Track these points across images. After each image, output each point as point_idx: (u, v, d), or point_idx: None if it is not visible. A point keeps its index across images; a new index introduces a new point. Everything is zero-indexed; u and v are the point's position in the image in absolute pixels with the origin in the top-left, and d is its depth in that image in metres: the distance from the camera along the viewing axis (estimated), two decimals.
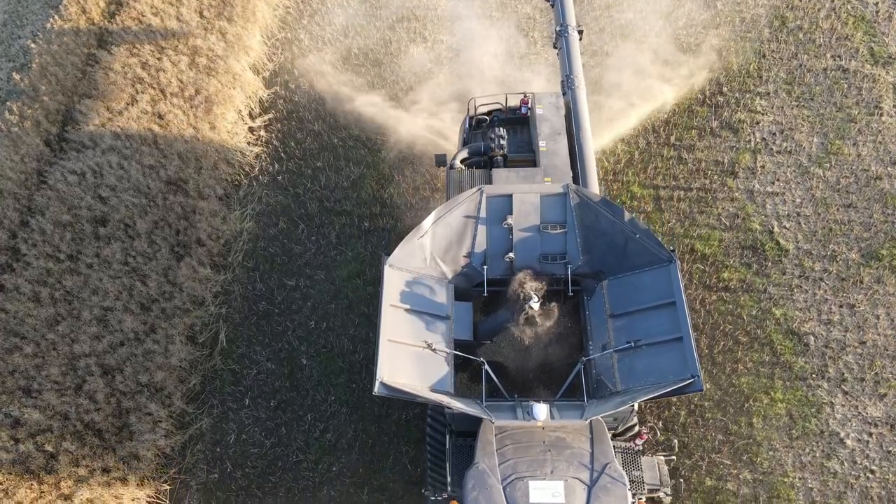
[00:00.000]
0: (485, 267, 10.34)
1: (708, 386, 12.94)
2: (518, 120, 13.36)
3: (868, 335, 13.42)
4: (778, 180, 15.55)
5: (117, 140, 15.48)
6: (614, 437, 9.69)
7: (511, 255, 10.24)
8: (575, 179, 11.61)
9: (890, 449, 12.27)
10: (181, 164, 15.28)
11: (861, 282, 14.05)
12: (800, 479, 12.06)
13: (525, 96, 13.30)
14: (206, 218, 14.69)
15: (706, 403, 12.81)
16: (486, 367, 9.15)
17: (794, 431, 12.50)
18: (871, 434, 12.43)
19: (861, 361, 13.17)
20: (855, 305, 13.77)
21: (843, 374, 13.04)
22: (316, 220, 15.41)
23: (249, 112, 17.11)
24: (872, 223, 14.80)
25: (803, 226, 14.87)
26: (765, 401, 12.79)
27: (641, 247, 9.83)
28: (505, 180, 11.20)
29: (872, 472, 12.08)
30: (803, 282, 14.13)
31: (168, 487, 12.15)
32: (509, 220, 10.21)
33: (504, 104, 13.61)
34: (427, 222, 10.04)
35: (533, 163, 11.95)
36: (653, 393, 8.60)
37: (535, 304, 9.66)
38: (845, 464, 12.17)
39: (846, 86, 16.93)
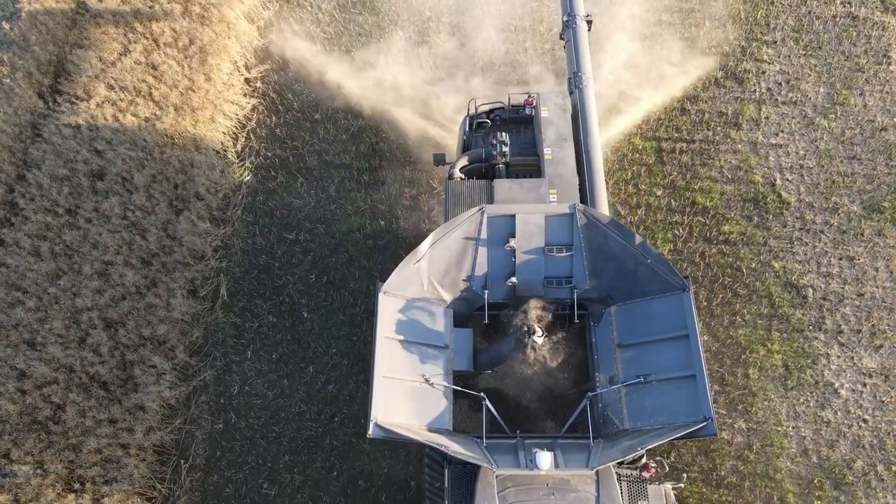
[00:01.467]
0: (486, 291, 9.76)
1: (706, 338, 13.06)
2: (521, 119, 12.58)
3: (866, 287, 13.47)
4: (782, 132, 15.34)
5: (111, 92, 15.23)
6: (619, 464, 9.22)
7: (514, 279, 9.73)
8: (582, 190, 10.92)
9: (883, 399, 12.47)
10: (177, 117, 15.07)
11: (862, 234, 14.02)
12: (793, 427, 12.29)
13: (529, 97, 12.40)
14: (203, 172, 14.58)
15: (705, 355, 12.92)
16: (487, 402, 8.76)
17: (789, 382, 12.68)
18: (865, 385, 12.62)
19: (858, 313, 13.26)
20: (854, 258, 13.78)
21: (840, 325, 13.14)
22: (315, 173, 15.29)
23: (245, 63, 16.77)
24: (875, 175, 14.68)
25: (806, 178, 14.75)
26: (761, 352, 12.93)
27: (653, 273, 9.24)
28: (507, 192, 10.58)
29: (865, 421, 12.31)
30: (804, 234, 14.10)
31: (174, 437, 12.41)
32: (512, 243, 9.67)
33: (507, 103, 12.68)
34: (424, 245, 9.44)
35: (537, 167, 11.32)
36: (663, 438, 8.14)
37: (540, 339, 9.18)
38: (838, 413, 12.39)
39: (855, 34, 16.54)
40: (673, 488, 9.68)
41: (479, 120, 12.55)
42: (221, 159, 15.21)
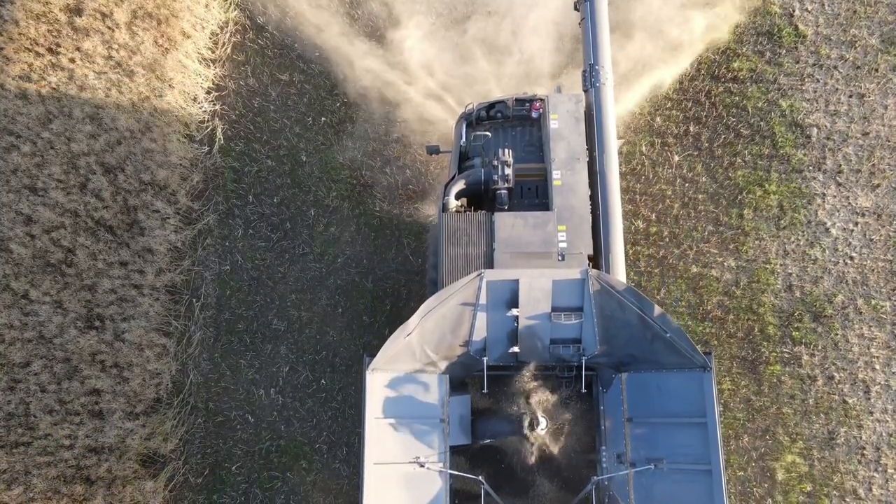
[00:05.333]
0: (485, 358, 9.01)
1: (704, 179, 13.09)
2: (527, 117, 10.85)
3: (873, 126, 13.24)
4: None
5: None
6: None
7: (516, 348, 8.99)
8: (595, 227, 9.69)
9: (873, 237, 12.76)
10: None
11: (876, 70, 13.50)
12: (781, 265, 12.72)
13: (536, 100, 10.64)
14: (186, 6, 13.73)
15: (700, 196, 13.07)
16: (486, 486, 8.40)
17: (782, 222, 12.91)
18: (857, 223, 12.85)
19: (860, 153, 13.16)
20: (865, 95, 13.40)
21: (841, 165, 13.10)
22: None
23: None
24: None
25: (827, 8, 13.90)
26: (758, 193, 13.03)
27: (671, 347, 8.52)
28: (510, 230, 9.39)
29: (852, 258, 12.70)
30: (816, 71, 13.58)
31: (184, 278, 12.91)
32: (514, 312, 8.80)
33: (511, 99, 10.82)
34: (415, 318, 8.55)
35: (543, 178, 9.99)
36: None
37: (543, 431, 8.67)
38: (826, 251, 12.75)
39: None
40: None
41: (478, 132, 10.85)
42: None
